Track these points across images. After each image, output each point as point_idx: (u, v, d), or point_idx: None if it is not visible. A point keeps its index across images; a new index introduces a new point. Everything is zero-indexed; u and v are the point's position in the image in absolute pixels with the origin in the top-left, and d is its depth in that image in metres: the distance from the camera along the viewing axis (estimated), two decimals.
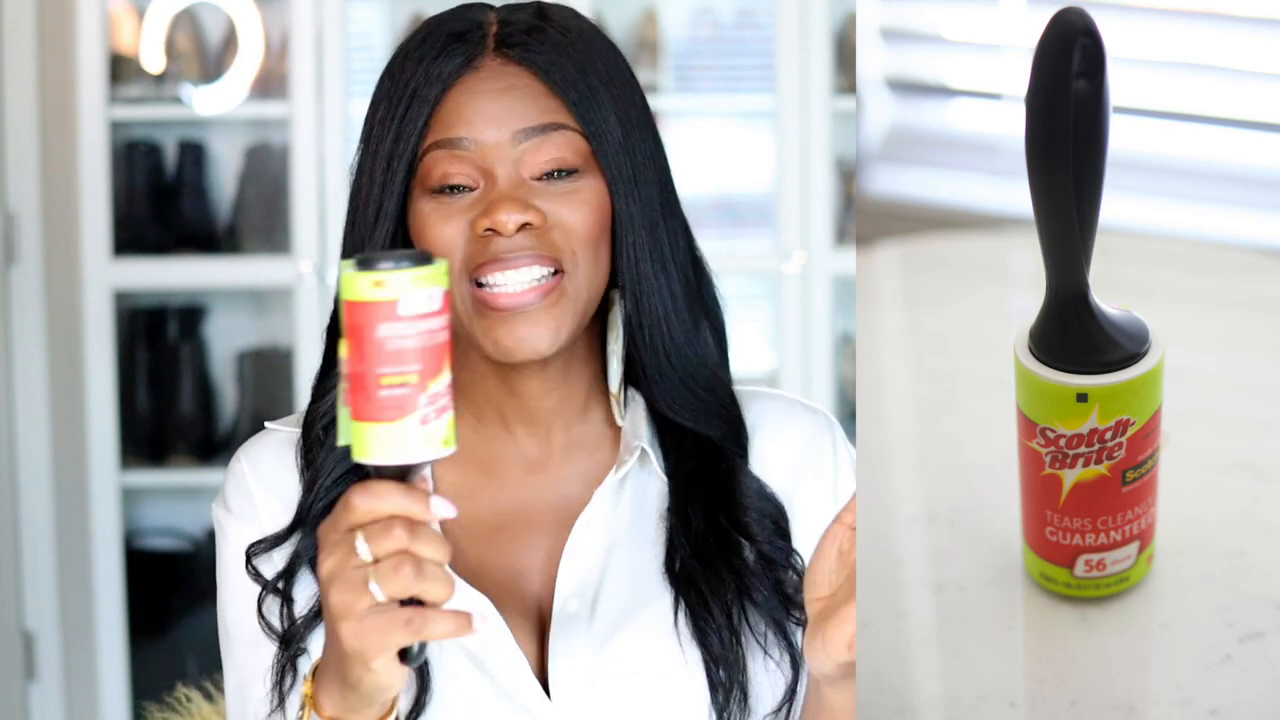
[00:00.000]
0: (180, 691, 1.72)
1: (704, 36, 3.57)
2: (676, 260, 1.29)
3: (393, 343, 1.00)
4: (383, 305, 0.99)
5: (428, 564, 1.02)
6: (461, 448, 1.32)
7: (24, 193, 3.33)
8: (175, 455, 3.49)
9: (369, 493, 1.02)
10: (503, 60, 1.26)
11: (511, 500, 1.31)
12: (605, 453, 1.32)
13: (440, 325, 1.01)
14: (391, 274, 0.99)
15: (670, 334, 1.29)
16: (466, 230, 1.24)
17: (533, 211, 1.22)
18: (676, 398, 1.30)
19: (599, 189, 1.26)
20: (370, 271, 1.00)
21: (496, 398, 1.30)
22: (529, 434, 1.31)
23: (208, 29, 3.53)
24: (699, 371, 1.30)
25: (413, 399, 1.00)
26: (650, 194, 1.28)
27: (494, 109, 1.24)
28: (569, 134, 1.25)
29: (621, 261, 1.27)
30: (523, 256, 1.23)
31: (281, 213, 3.41)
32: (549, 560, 1.29)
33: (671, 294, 1.28)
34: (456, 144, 1.24)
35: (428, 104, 1.25)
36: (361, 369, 1.00)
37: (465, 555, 1.29)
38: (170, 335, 3.57)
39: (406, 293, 0.99)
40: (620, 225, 1.26)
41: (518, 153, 1.24)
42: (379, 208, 1.26)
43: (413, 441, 1.01)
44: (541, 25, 1.27)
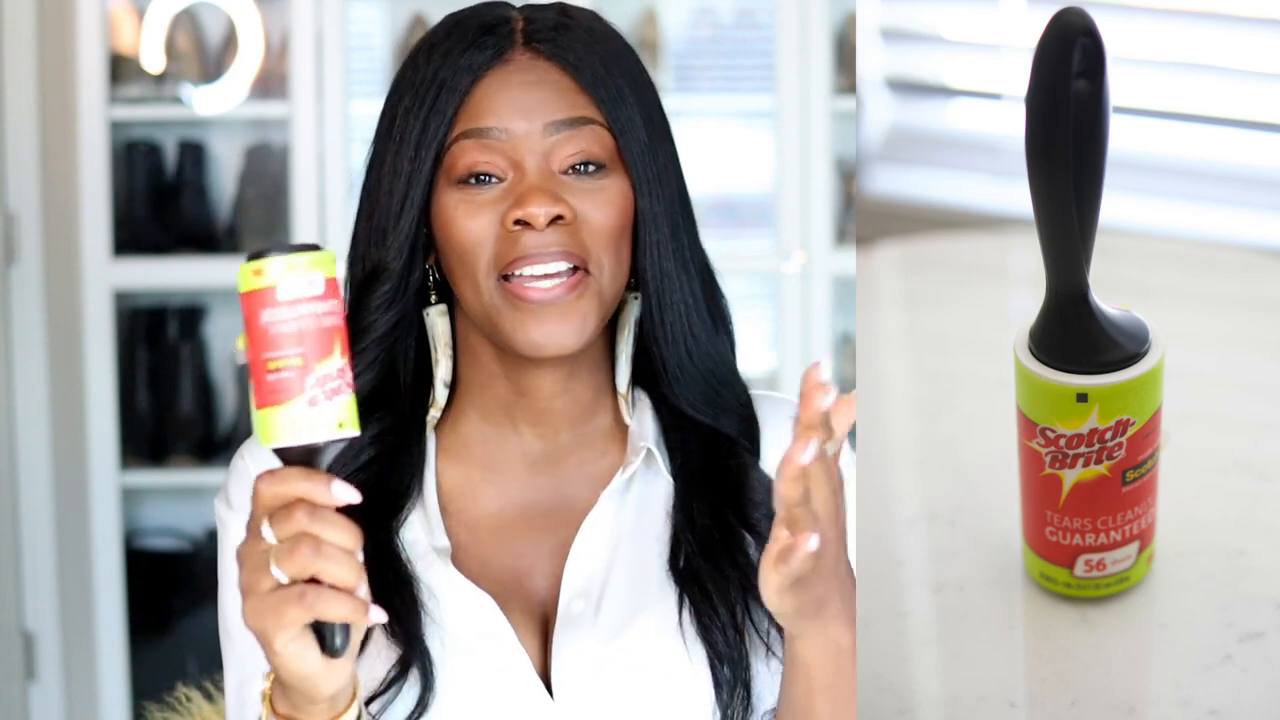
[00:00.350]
0: (180, 691, 1.71)
1: (704, 36, 3.57)
2: (695, 261, 1.31)
3: (274, 328, 1.03)
4: (262, 292, 1.03)
5: (327, 545, 1.03)
6: (466, 446, 1.33)
7: (24, 193, 3.33)
8: (175, 455, 3.49)
9: (273, 479, 1.04)
10: (532, 54, 1.26)
11: (516, 499, 1.31)
12: (611, 453, 1.32)
13: (326, 310, 1.03)
14: (267, 261, 1.03)
15: (693, 331, 1.30)
16: (496, 225, 1.24)
17: (563, 205, 1.23)
18: (697, 394, 1.30)
19: (624, 187, 1.26)
20: (251, 262, 1.04)
21: (505, 397, 1.30)
22: (535, 434, 1.31)
23: (208, 29, 3.53)
24: (719, 369, 1.31)
25: (297, 381, 1.03)
26: (672, 194, 1.29)
27: (525, 101, 1.25)
28: (598, 129, 1.26)
29: (645, 259, 1.28)
30: (552, 253, 1.23)
31: (281, 213, 3.41)
32: (553, 559, 1.29)
33: (693, 292, 1.29)
34: (486, 134, 1.24)
35: (457, 94, 1.25)
36: (252, 356, 1.04)
37: (469, 554, 1.29)
38: (170, 335, 3.57)
39: (283, 279, 1.03)
40: (643, 223, 1.27)
41: (548, 145, 1.25)
42: (404, 197, 1.26)
43: (303, 423, 1.03)
44: (567, 23, 1.28)
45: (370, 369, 1.29)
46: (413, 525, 1.29)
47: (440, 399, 1.31)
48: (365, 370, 1.28)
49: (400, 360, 1.30)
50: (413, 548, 1.28)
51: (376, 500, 1.28)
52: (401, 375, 1.30)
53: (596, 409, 1.32)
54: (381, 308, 1.28)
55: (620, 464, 1.31)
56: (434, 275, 1.30)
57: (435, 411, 1.31)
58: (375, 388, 1.29)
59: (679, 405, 1.31)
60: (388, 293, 1.28)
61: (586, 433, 1.32)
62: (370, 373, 1.29)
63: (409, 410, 1.31)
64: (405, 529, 1.28)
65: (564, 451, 1.32)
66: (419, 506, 1.30)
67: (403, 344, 1.30)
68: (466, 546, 1.29)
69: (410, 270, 1.28)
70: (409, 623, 1.25)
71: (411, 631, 1.25)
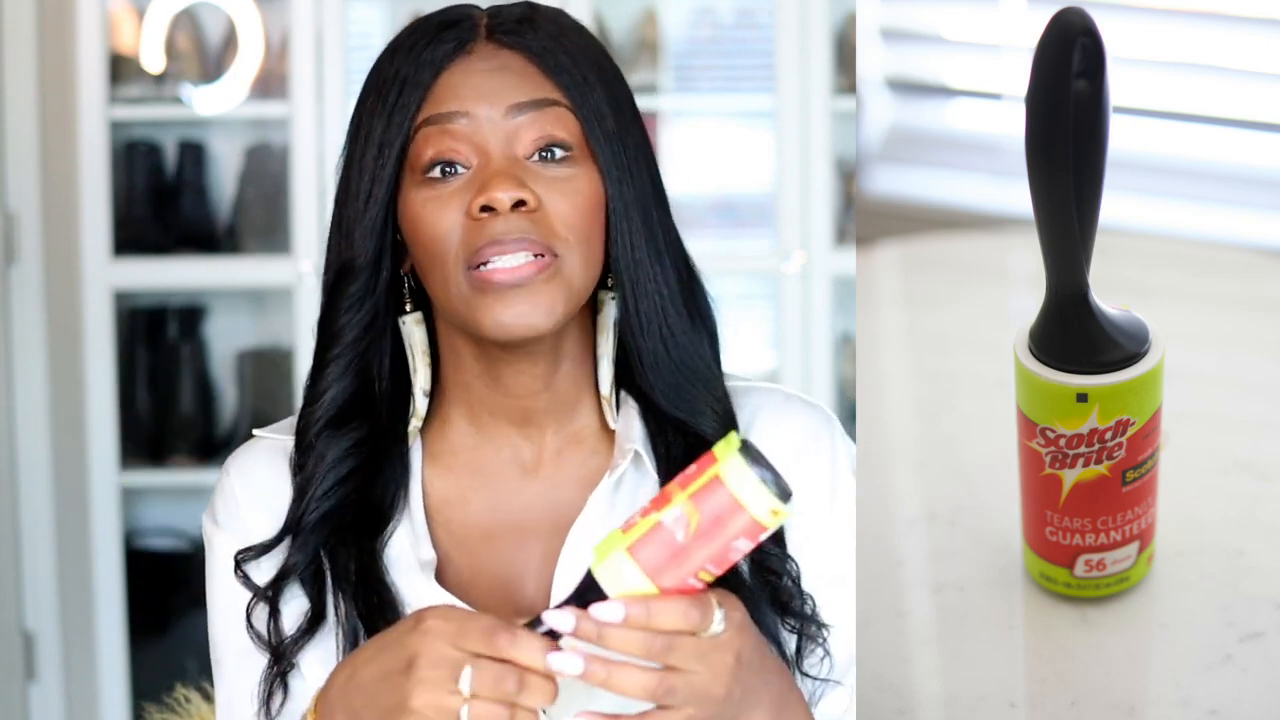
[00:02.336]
0: (180, 691, 1.71)
1: (704, 36, 3.57)
2: (670, 252, 1.28)
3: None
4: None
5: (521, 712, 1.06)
6: (455, 453, 1.31)
7: (24, 193, 3.33)
8: (175, 455, 3.49)
9: (499, 638, 1.06)
10: (495, 45, 1.25)
11: (505, 505, 1.30)
12: (598, 456, 1.31)
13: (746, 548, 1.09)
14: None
15: (668, 322, 1.27)
16: (461, 216, 1.22)
17: (527, 190, 1.21)
18: (672, 389, 1.28)
19: (592, 176, 1.25)
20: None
21: (487, 399, 1.29)
22: (522, 436, 1.30)
23: (208, 29, 3.53)
24: (694, 364, 1.29)
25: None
26: (643, 183, 1.27)
27: (487, 85, 1.24)
28: (562, 111, 1.24)
29: (616, 248, 1.26)
30: (517, 240, 1.21)
31: (281, 213, 3.41)
32: (543, 565, 1.28)
33: (667, 283, 1.27)
34: (449, 119, 1.23)
35: (420, 88, 1.24)
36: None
37: (457, 564, 1.28)
38: (170, 335, 3.57)
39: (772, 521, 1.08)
40: (614, 212, 1.25)
41: (511, 127, 1.23)
42: (369, 193, 1.24)
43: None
44: (532, 16, 1.27)
45: (344, 376, 1.27)
46: (399, 539, 1.27)
47: (420, 409, 1.29)
48: (339, 378, 1.27)
49: (375, 367, 1.28)
50: (398, 563, 1.26)
51: (361, 514, 1.27)
52: (377, 383, 1.28)
53: (581, 409, 1.31)
54: (352, 308, 1.26)
55: (609, 466, 1.29)
56: (409, 283, 1.29)
57: (417, 421, 1.29)
58: (350, 396, 1.27)
59: (655, 399, 1.29)
60: (356, 292, 1.26)
61: (575, 433, 1.31)
62: (344, 380, 1.27)
63: (387, 421, 1.29)
64: (391, 544, 1.27)
65: (551, 455, 1.30)
66: (405, 519, 1.28)
67: (376, 350, 1.28)
68: (454, 557, 1.28)
69: (379, 268, 1.26)
70: None
71: None
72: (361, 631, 1.23)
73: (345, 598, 1.24)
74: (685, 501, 1.06)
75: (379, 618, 1.23)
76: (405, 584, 1.25)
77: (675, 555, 1.06)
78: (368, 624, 1.24)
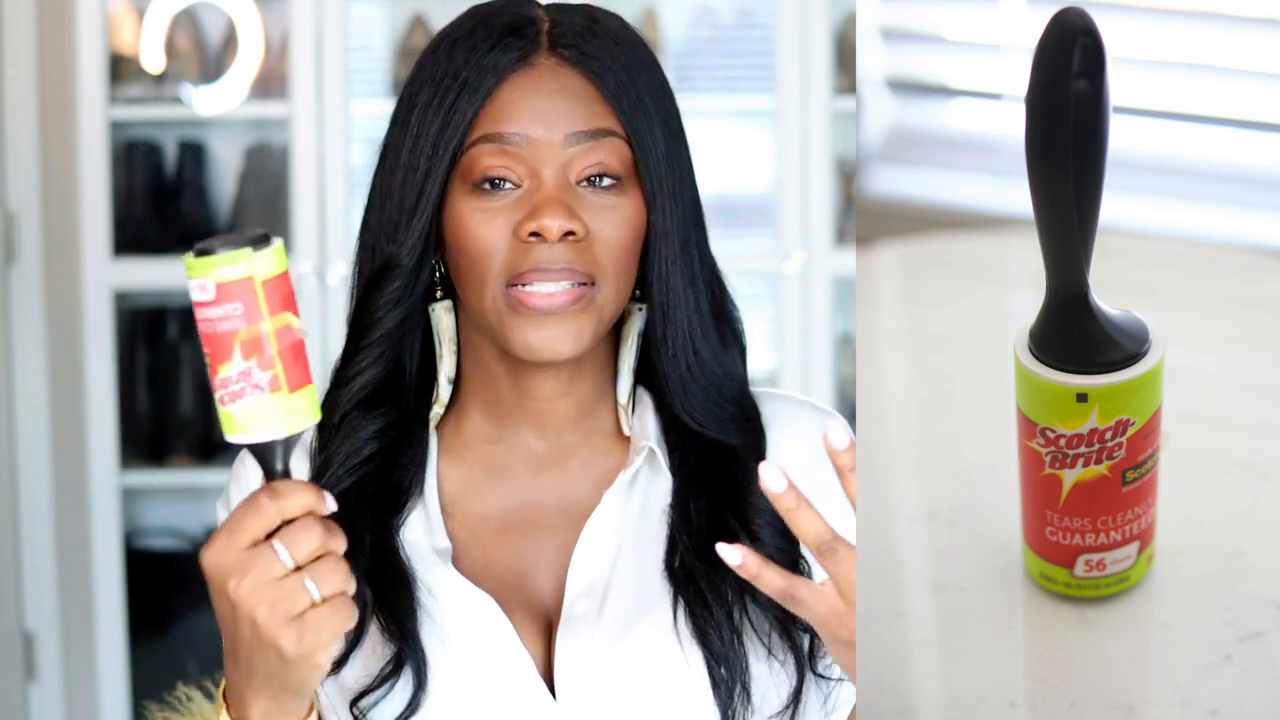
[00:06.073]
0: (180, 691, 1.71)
1: (704, 36, 3.57)
2: (704, 275, 1.30)
3: (198, 329, 1.06)
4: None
5: (340, 559, 1.06)
6: (469, 447, 1.32)
7: (24, 193, 3.33)
8: (175, 455, 3.49)
9: (277, 493, 1.05)
10: (558, 60, 1.26)
11: (519, 499, 1.31)
12: (615, 453, 1.32)
13: (218, 315, 1.04)
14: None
15: (695, 348, 1.29)
16: (508, 234, 1.24)
17: (577, 221, 1.23)
18: (700, 410, 1.30)
19: (637, 203, 1.26)
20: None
21: (507, 397, 1.30)
22: (537, 434, 1.31)
23: (208, 29, 3.53)
24: (724, 385, 1.31)
25: (212, 383, 1.06)
26: (685, 208, 1.29)
27: (548, 108, 1.24)
28: (617, 142, 1.25)
29: (653, 274, 1.28)
30: (560, 270, 1.23)
31: (281, 213, 3.41)
32: (556, 560, 1.29)
33: (699, 309, 1.29)
34: (506, 139, 1.24)
35: (480, 94, 1.24)
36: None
37: (471, 554, 1.29)
38: (170, 335, 3.57)
39: (189, 285, 1.04)
40: (655, 239, 1.27)
41: (567, 155, 1.24)
42: (420, 194, 1.25)
43: (237, 422, 1.05)
44: (594, 28, 1.28)
45: (377, 363, 1.29)
46: (413, 525, 1.29)
47: (444, 395, 1.31)
48: (372, 365, 1.28)
49: (406, 355, 1.30)
50: (413, 548, 1.28)
51: (378, 496, 1.28)
52: (408, 370, 1.30)
53: (599, 410, 1.32)
54: (390, 304, 1.27)
55: (624, 464, 1.31)
56: (440, 270, 1.29)
57: (439, 408, 1.31)
58: (381, 382, 1.29)
59: (682, 418, 1.31)
60: (397, 289, 1.27)
61: (590, 433, 1.32)
62: (377, 367, 1.29)
63: (413, 406, 1.31)
64: (406, 528, 1.28)
65: (567, 452, 1.32)
66: (420, 506, 1.29)
67: (409, 339, 1.30)
68: (468, 547, 1.29)
69: (421, 269, 1.27)
70: (405, 621, 1.25)
71: (407, 630, 1.25)
72: (371, 602, 1.24)
73: (358, 569, 1.25)
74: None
75: (391, 591, 1.24)
76: (420, 568, 1.27)
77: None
78: (380, 598, 1.25)
